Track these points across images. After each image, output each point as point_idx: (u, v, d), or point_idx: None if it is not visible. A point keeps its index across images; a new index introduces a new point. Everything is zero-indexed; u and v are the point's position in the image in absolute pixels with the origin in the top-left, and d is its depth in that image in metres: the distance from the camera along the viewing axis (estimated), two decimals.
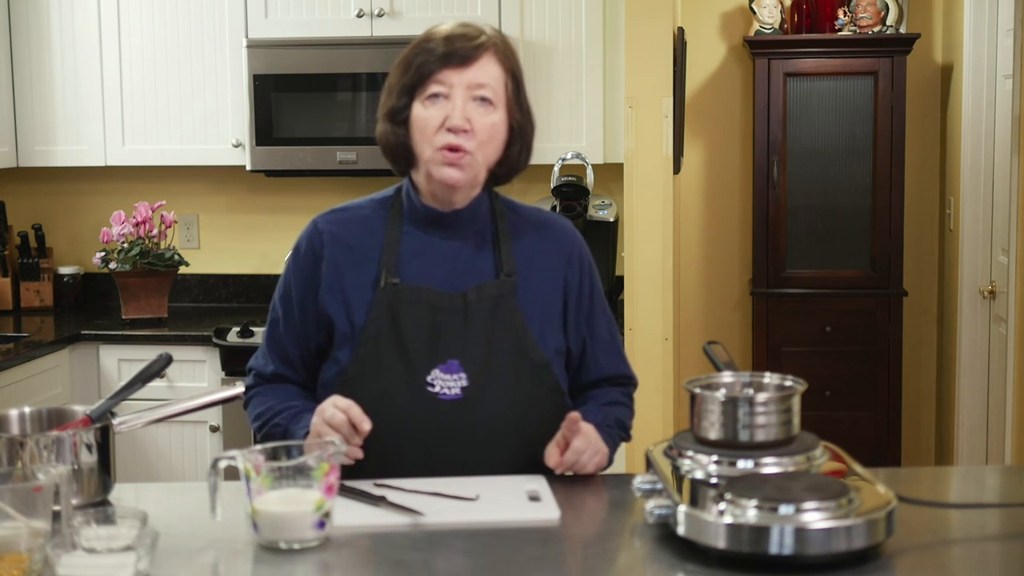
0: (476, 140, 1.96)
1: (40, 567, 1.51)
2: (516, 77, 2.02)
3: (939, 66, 5.03)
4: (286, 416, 2.02)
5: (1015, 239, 4.00)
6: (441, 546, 1.66)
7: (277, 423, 2.03)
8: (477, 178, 2.01)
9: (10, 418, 1.93)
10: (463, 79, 1.95)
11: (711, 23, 5.09)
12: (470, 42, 1.97)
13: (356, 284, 2.02)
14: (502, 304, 2.01)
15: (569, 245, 2.11)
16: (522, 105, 2.03)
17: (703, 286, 5.17)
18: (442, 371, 1.97)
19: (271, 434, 2.04)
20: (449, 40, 1.97)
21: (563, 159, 4.01)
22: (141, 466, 3.98)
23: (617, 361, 2.15)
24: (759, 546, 1.51)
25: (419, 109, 1.98)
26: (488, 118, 1.97)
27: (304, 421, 1.98)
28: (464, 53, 1.96)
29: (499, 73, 1.99)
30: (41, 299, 4.53)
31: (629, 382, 2.17)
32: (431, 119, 1.96)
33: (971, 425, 4.62)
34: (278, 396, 2.07)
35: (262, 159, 4.17)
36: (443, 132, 1.95)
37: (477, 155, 1.97)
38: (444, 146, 1.95)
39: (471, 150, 1.96)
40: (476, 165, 1.98)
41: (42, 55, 4.31)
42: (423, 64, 1.97)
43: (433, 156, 1.97)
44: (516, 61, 2.03)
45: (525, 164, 2.08)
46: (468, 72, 1.96)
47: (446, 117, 1.95)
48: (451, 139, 1.95)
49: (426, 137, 1.97)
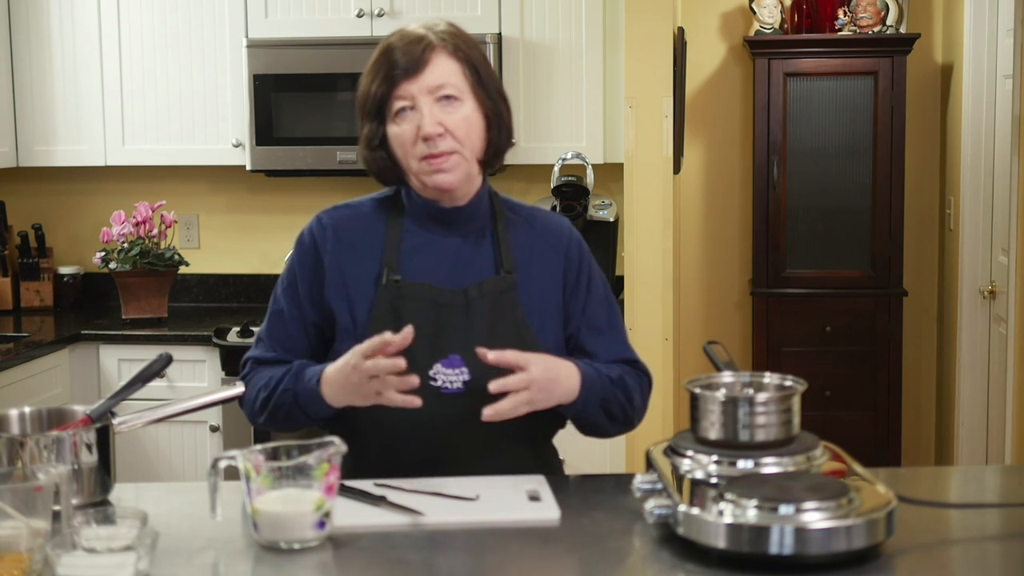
0: (455, 139, 1.97)
1: (40, 567, 1.51)
2: (474, 64, 2.01)
3: (939, 66, 5.03)
4: (290, 379, 2.01)
5: (1015, 239, 4.00)
6: (441, 546, 1.66)
7: (285, 387, 2.01)
8: (470, 173, 2.02)
9: (10, 418, 1.94)
10: (421, 86, 1.96)
11: (711, 23, 5.09)
12: (415, 47, 1.97)
13: (358, 280, 2.03)
14: (502, 300, 2.02)
15: (566, 241, 2.11)
16: (489, 89, 2.02)
17: (703, 286, 5.17)
18: (444, 365, 1.98)
19: (280, 403, 2.01)
20: (394, 54, 1.97)
21: (563, 159, 4.01)
22: (141, 466, 3.98)
23: (621, 348, 2.12)
24: (759, 546, 1.51)
25: (392, 128, 1.99)
26: (458, 113, 1.98)
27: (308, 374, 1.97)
28: (412, 61, 1.96)
29: (455, 67, 1.99)
30: (41, 299, 4.53)
31: (635, 366, 2.13)
32: (405, 134, 1.98)
33: (971, 425, 4.62)
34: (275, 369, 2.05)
35: (262, 159, 4.17)
36: (420, 143, 1.96)
37: (461, 152, 1.98)
38: (425, 156, 1.97)
39: (453, 149, 1.97)
40: (463, 162, 1.99)
41: (42, 55, 4.31)
42: (379, 87, 1.98)
43: (419, 167, 1.98)
44: (471, 48, 2.02)
45: (508, 143, 2.09)
46: (423, 78, 1.96)
47: (418, 128, 1.96)
48: (430, 148, 1.96)
49: (406, 152, 1.99)
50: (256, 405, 2.06)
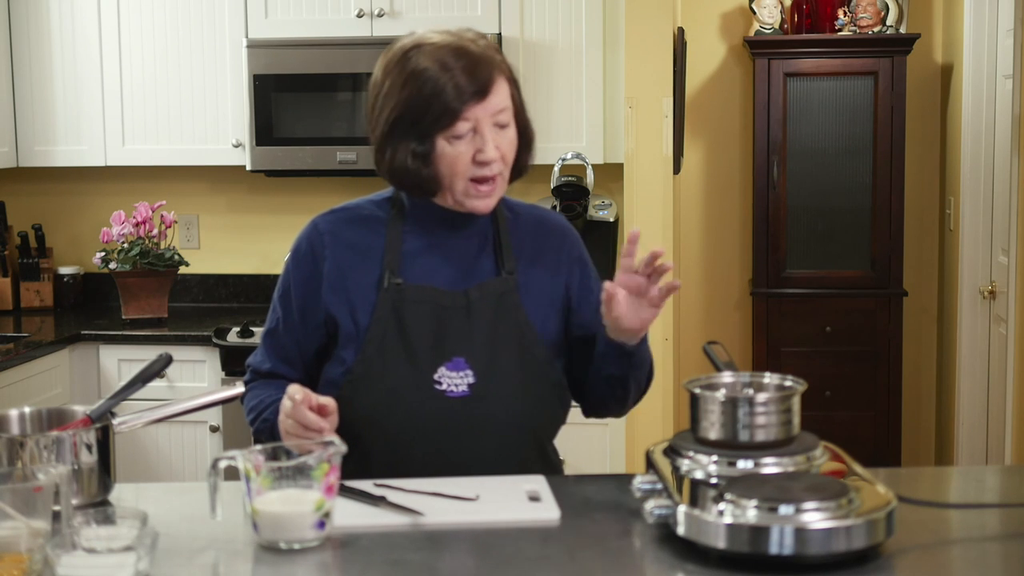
0: (504, 163, 1.97)
1: (40, 567, 1.51)
2: (517, 84, 2.00)
3: (939, 66, 5.03)
4: (272, 411, 2.01)
5: (1015, 239, 4.00)
6: (441, 546, 1.66)
7: (265, 418, 2.02)
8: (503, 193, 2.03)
9: (10, 418, 1.93)
10: (486, 111, 1.93)
11: (711, 23, 5.09)
12: (482, 69, 1.92)
13: (359, 284, 2.01)
14: (504, 301, 2.02)
15: (566, 241, 2.12)
16: (524, 109, 2.02)
17: (703, 286, 5.17)
18: (448, 369, 1.98)
19: (261, 430, 2.03)
20: (456, 75, 1.90)
21: (563, 159, 4.01)
22: (141, 466, 3.98)
23: None
24: (759, 546, 1.51)
25: (445, 146, 1.93)
26: (507, 137, 1.97)
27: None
28: (482, 85, 1.91)
29: (508, 90, 1.97)
30: (41, 299, 4.53)
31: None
32: (461, 156, 1.93)
33: (971, 425, 4.62)
34: (269, 389, 2.05)
35: (262, 159, 4.17)
36: (474, 166, 1.94)
37: (504, 173, 1.98)
38: (475, 179, 1.95)
39: (500, 173, 1.97)
40: (503, 184, 1.99)
41: (42, 55, 4.31)
42: (446, 106, 1.90)
43: (465, 189, 1.96)
44: (510, 64, 2.01)
45: (531, 161, 2.08)
46: (489, 103, 1.93)
47: (476, 151, 1.93)
48: (484, 172, 1.94)
49: (457, 173, 1.94)
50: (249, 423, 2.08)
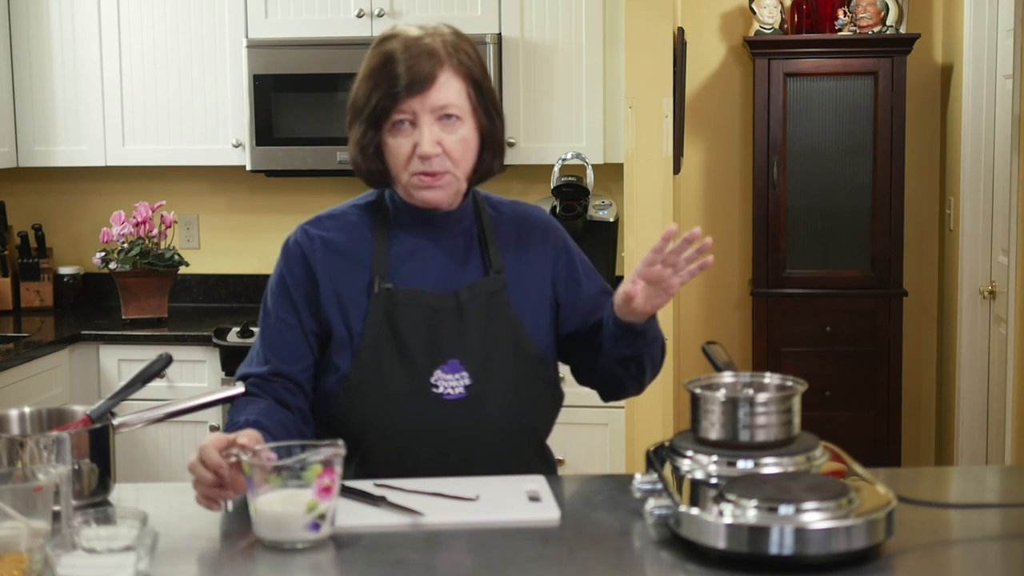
0: (450, 160, 1.95)
1: (40, 567, 1.51)
2: (477, 81, 1.98)
3: (939, 66, 5.03)
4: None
5: (1015, 239, 4.00)
6: (441, 546, 1.66)
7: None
8: (459, 190, 2.01)
9: (10, 418, 1.93)
10: (425, 104, 1.93)
11: (711, 23, 5.09)
12: (424, 63, 1.92)
13: (350, 290, 2.01)
14: (494, 300, 2.02)
15: (550, 235, 2.12)
16: (488, 109, 1.99)
17: (703, 286, 5.17)
18: (444, 371, 1.98)
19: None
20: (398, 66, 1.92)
21: (563, 159, 4.01)
22: (141, 466, 3.98)
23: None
24: (759, 546, 1.51)
25: (388, 139, 1.96)
26: (456, 134, 1.95)
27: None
28: (419, 78, 1.91)
29: (460, 86, 1.95)
30: (41, 299, 4.53)
31: None
32: (401, 148, 1.95)
33: (971, 425, 4.62)
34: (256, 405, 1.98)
35: (262, 159, 4.17)
36: (415, 160, 1.94)
37: (454, 172, 1.97)
38: (418, 173, 1.95)
39: (446, 170, 1.95)
40: (455, 181, 1.98)
41: (42, 55, 4.31)
42: (381, 99, 1.93)
43: (410, 181, 1.97)
44: (474, 62, 1.98)
45: (500, 166, 2.08)
46: (429, 96, 1.92)
47: (415, 145, 1.93)
48: (424, 167, 1.94)
49: (399, 165, 1.96)
50: None
